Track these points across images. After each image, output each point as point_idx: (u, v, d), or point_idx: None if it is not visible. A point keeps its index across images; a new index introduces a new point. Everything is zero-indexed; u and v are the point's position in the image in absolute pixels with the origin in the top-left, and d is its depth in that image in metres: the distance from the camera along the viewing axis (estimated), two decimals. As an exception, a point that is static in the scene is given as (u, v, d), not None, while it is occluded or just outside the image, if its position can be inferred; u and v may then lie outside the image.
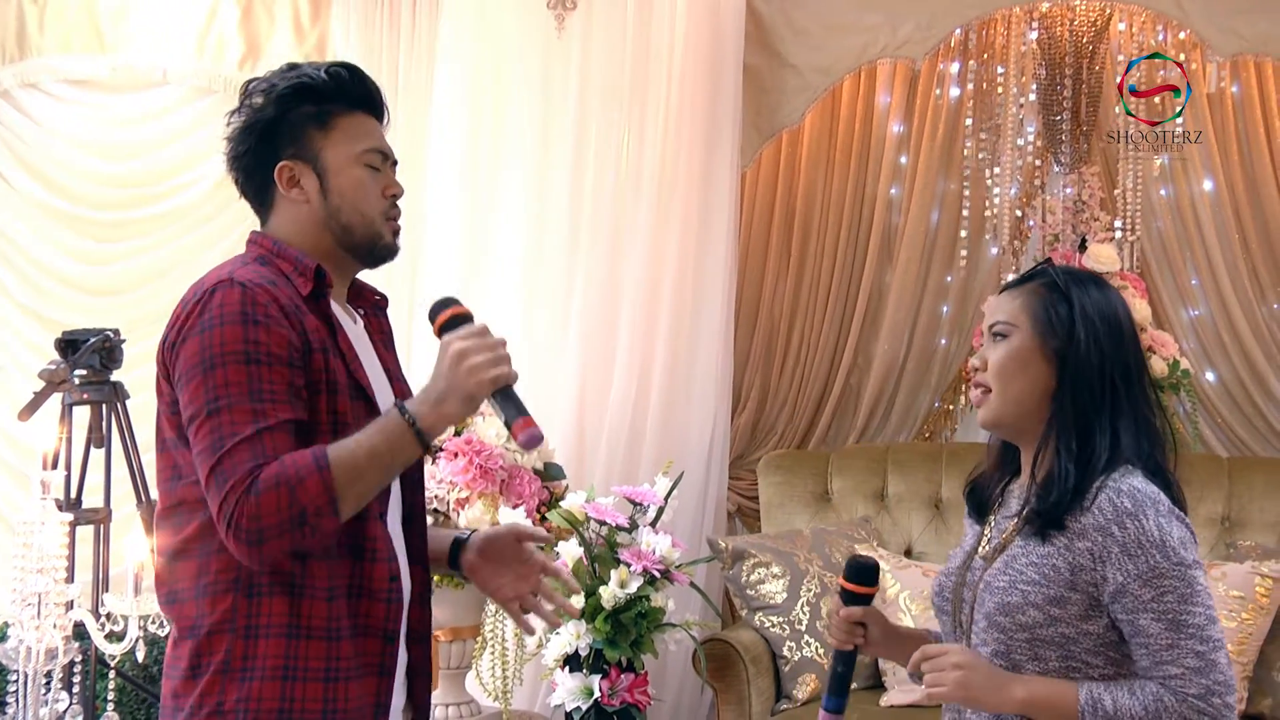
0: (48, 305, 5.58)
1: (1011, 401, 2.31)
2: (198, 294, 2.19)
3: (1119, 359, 2.28)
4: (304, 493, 2.07)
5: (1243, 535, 4.73)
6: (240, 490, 2.06)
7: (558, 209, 5.01)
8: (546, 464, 4.24)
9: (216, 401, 2.11)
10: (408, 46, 5.48)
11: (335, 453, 2.11)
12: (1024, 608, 2.22)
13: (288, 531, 2.07)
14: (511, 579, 2.52)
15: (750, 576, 4.52)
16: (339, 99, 2.34)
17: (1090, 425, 2.25)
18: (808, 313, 5.44)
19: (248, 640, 2.16)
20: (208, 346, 2.13)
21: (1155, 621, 2.14)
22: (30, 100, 5.67)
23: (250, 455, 2.08)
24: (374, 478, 2.15)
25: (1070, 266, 2.42)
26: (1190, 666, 2.13)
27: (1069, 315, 2.29)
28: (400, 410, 2.16)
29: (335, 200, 2.32)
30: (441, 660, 4.16)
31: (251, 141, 2.34)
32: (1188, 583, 2.14)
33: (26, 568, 3.70)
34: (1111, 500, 2.18)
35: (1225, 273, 5.23)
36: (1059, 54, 5.07)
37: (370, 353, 2.40)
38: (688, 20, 5.06)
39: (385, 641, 2.24)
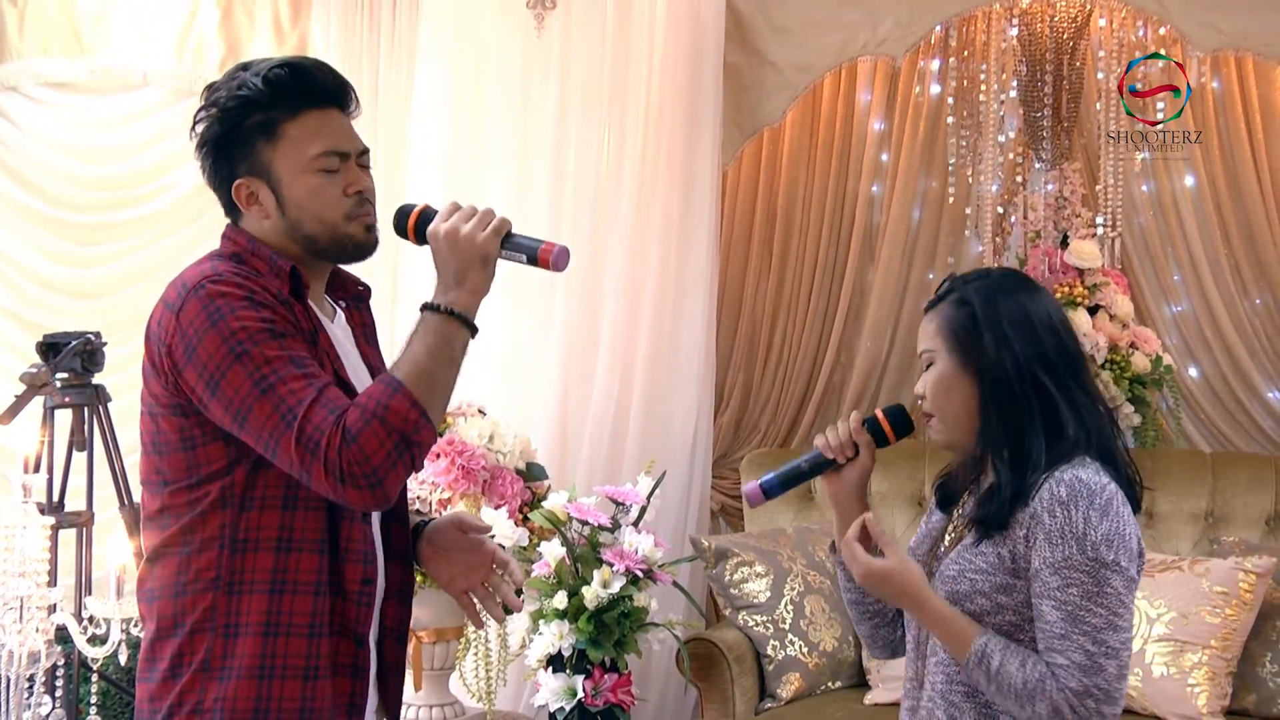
0: (29, 308, 5.56)
1: (951, 423, 2.35)
2: (184, 294, 2.15)
3: (1038, 355, 2.29)
4: (394, 416, 2.06)
5: (1226, 531, 4.73)
6: (337, 443, 2.04)
7: (539, 208, 5.00)
8: (529, 464, 4.24)
9: (266, 379, 2.08)
10: (388, 47, 5.47)
11: (399, 370, 2.11)
12: (972, 595, 2.26)
13: (398, 459, 2.07)
14: (463, 569, 2.47)
15: (733, 576, 4.52)
16: (282, 104, 2.25)
17: (1020, 430, 2.28)
18: (790, 311, 5.44)
19: (227, 639, 2.15)
20: (231, 334, 2.10)
21: (1054, 609, 2.17)
22: (10, 103, 5.66)
23: (325, 411, 2.06)
24: (445, 374, 2.15)
25: (982, 272, 2.45)
26: (1075, 661, 2.14)
27: (975, 328, 2.31)
28: (431, 308, 2.16)
29: (294, 213, 2.26)
30: (425, 661, 4.15)
31: (209, 158, 2.29)
32: (1098, 581, 2.16)
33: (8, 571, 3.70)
34: (1051, 489, 2.21)
35: (1207, 268, 5.23)
36: (1040, 50, 5.07)
37: (352, 349, 2.39)
38: (667, 19, 5.06)
39: (356, 644, 2.23)
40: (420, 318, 2.17)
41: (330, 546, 2.20)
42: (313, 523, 2.18)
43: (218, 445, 2.16)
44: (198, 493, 2.17)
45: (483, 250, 2.17)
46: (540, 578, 4.00)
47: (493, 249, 2.19)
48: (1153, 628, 4.24)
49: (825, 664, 4.45)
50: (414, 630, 4.09)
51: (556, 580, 3.98)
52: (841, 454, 2.44)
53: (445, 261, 2.19)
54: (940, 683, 2.31)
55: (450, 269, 2.18)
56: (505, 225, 2.21)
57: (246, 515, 2.16)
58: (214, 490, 2.16)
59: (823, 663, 4.44)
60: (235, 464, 2.16)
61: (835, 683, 4.49)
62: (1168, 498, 4.82)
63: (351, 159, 2.30)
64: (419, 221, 2.26)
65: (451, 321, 2.15)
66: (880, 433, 2.44)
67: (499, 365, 4.96)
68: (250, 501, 2.16)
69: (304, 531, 2.18)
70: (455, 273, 2.18)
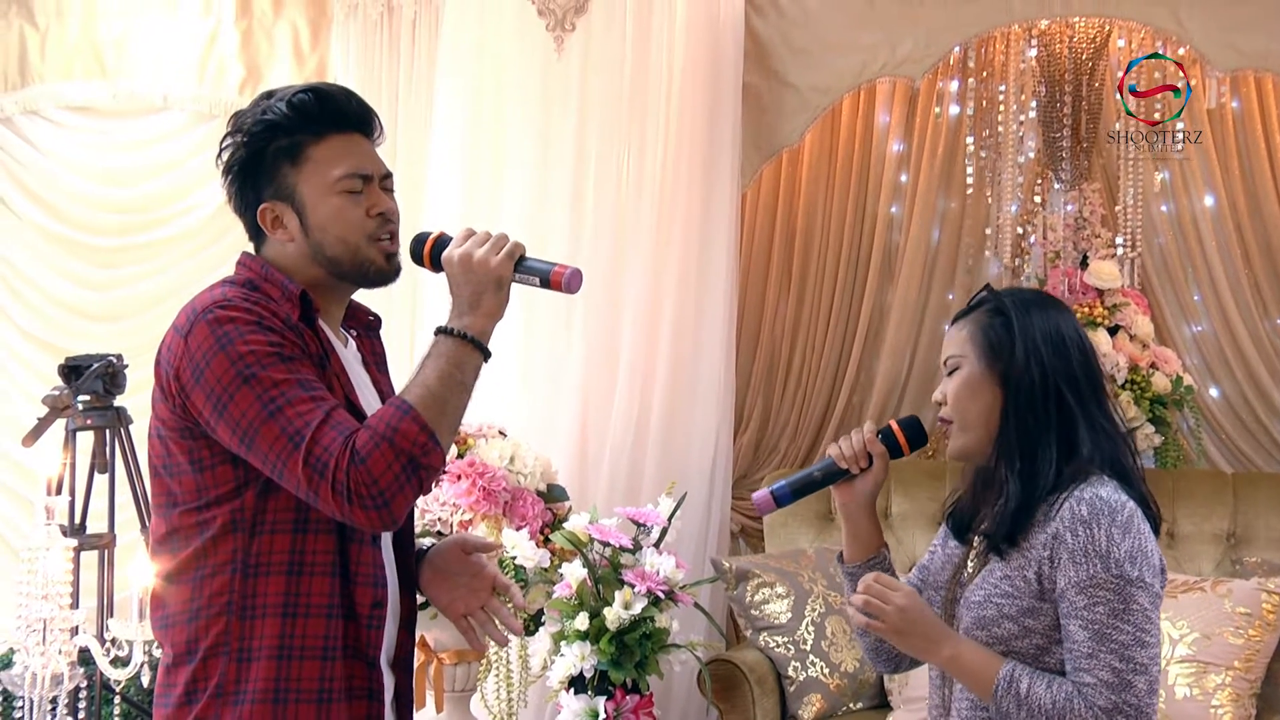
0: (50, 331, 5.59)
1: (970, 429, 2.35)
2: (193, 318, 2.16)
3: (1064, 372, 2.30)
4: (403, 439, 2.07)
5: (1248, 551, 4.72)
6: (345, 465, 2.04)
7: (558, 230, 5.00)
8: (550, 485, 4.24)
9: (274, 402, 2.08)
10: (407, 69, 5.49)
11: (409, 393, 2.12)
12: (999, 620, 2.26)
13: (406, 482, 2.07)
14: (463, 593, 2.46)
15: (754, 597, 4.51)
16: (307, 128, 2.27)
17: (1034, 442, 2.28)
18: (809, 332, 5.44)
19: (240, 663, 2.15)
20: (239, 358, 2.10)
21: (1082, 629, 2.17)
22: (32, 127, 5.70)
23: (334, 433, 2.07)
24: (456, 399, 2.15)
25: (1016, 289, 2.47)
26: (1103, 679, 2.14)
27: (1009, 336, 2.32)
28: (445, 331, 2.17)
29: (317, 235, 2.27)
30: (446, 683, 4.15)
31: (235, 183, 2.31)
32: (1123, 598, 2.16)
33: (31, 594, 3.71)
34: (1072, 509, 2.21)
35: (1227, 288, 5.23)
36: (1058, 71, 5.07)
37: (363, 376, 2.40)
38: (686, 40, 5.06)
39: (368, 667, 2.23)
40: (433, 341, 2.18)
41: (341, 570, 2.20)
42: (324, 546, 2.19)
43: (226, 468, 2.16)
44: (206, 515, 2.17)
45: (496, 274, 2.19)
46: (562, 599, 3.99)
47: (506, 273, 2.20)
48: (1175, 649, 4.22)
49: (847, 685, 4.44)
50: (435, 652, 4.10)
51: (578, 601, 3.97)
52: (855, 464, 2.43)
53: (459, 286, 2.20)
54: (965, 709, 2.31)
55: (464, 294, 2.19)
56: (519, 249, 2.23)
57: (258, 540, 2.16)
58: (223, 514, 2.16)
59: (844, 684, 4.43)
60: (244, 487, 2.16)
61: (857, 704, 4.48)
62: (1189, 518, 4.81)
63: (375, 181, 2.31)
64: (434, 248, 2.28)
65: (464, 345, 2.17)
66: (894, 443, 2.44)
67: (519, 387, 4.96)
68: (261, 526, 2.16)
69: (315, 555, 2.18)
70: (469, 297, 2.19)
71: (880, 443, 2.43)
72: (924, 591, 2.47)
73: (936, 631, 2.27)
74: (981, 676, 2.22)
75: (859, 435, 2.44)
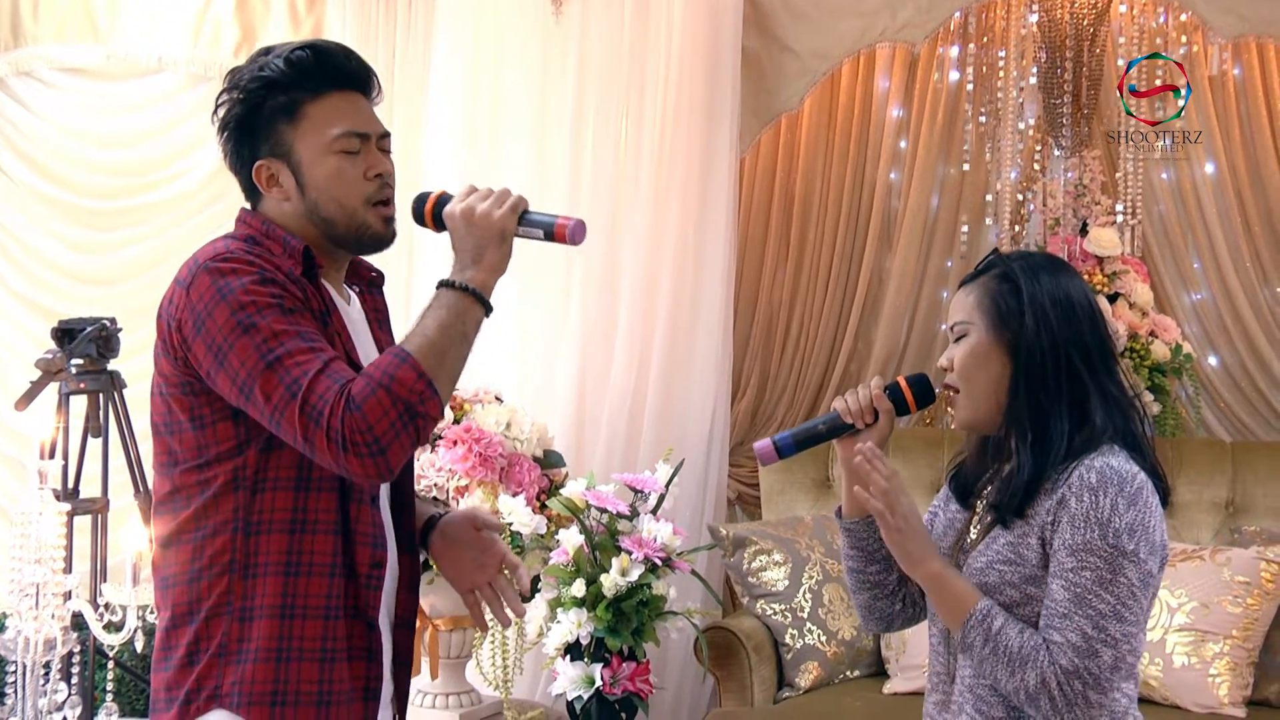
0: (44, 294, 5.56)
1: (979, 399, 2.32)
2: (195, 270, 2.15)
3: (1075, 340, 2.27)
4: (400, 386, 2.05)
5: (1247, 520, 4.70)
6: (340, 412, 2.02)
7: (556, 194, 4.97)
8: (546, 451, 4.22)
9: (272, 351, 2.06)
10: (404, 31, 5.44)
11: (409, 342, 2.11)
12: (1001, 587, 2.24)
13: (402, 430, 2.05)
14: (470, 567, 2.46)
15: (751, 564, 4.50)
16: (305, 85, 2.25)
17: (1046, 413, 2.26)
18: (807, 298, 5.41)
19: (243, 622, 2.14)
20: (239, 308, 2.09)
21: (1064, 589, 2.16)
22: (25, 89, 5.65)
23: (330, 381, 2.05)
24: (455, 350, 2.14)
25: (1025, 252, 2.42)
26: (1071, 640, 2.13)
27: (1018, 304, 2.29)
28: (447, 284, 2.16)
29: (313, 194, 2.25)
30: (441, 649, 4.13)
31: (231, 140, 2.29)
32: (1113, 569, 2.14)
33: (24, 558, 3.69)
34: (1081, 475, 2.19)
35: (1227, 256, 5.21)
36: (1059, 37, 5.03)
37: (365, 333, 2.38)
38: (685, 4, 5.02)
39: (367, 627, 2.22)
40: (435, 294, 2.17)
41: (342, 529, 2.19)
42: (325, 504, 2.18)
43: (227, 425, 2.15)
44: (208, 473, 2.16)
45: (499, 227, 2.17)
46: (558, 565, 3.98)
47: (509, 225, 2.19)
48: (1173, 617, 4.22)
49: (844, 653, 4.43)
50: (431, 618, 4.08)
51: (574, 568, 3.96)
52: (861, 419, 2.39)
53: (462, 240, 2.19)
54: (969, 676, 2.29)
55: (467, 247, 2.18)
56: (521, 203, 2.21)
57: (259, 497, 2.15)
58: (224, 472, 2.15)
59: (841, 651, 4.42)
60: (245, 445, 2.15)
61: (854, 672, 4.47)
62: (1188, 487, 4.79)
63: (372, 141, 2.29)
64: (436, 206, 2.26)
65: (466, 297, 2.15)
66: (901, 400, 2.40)
67: (516, 352, 4.95)
68: (262, 484, 2.15)
69: (317, 513, 2.17)
70: (472, 250, 2.18)
71: (887, 399, 2.39)
72: None
73: (928, 543, 2.27)
74: (959, 604, 2.22)
75: (865, 390, 2.40)
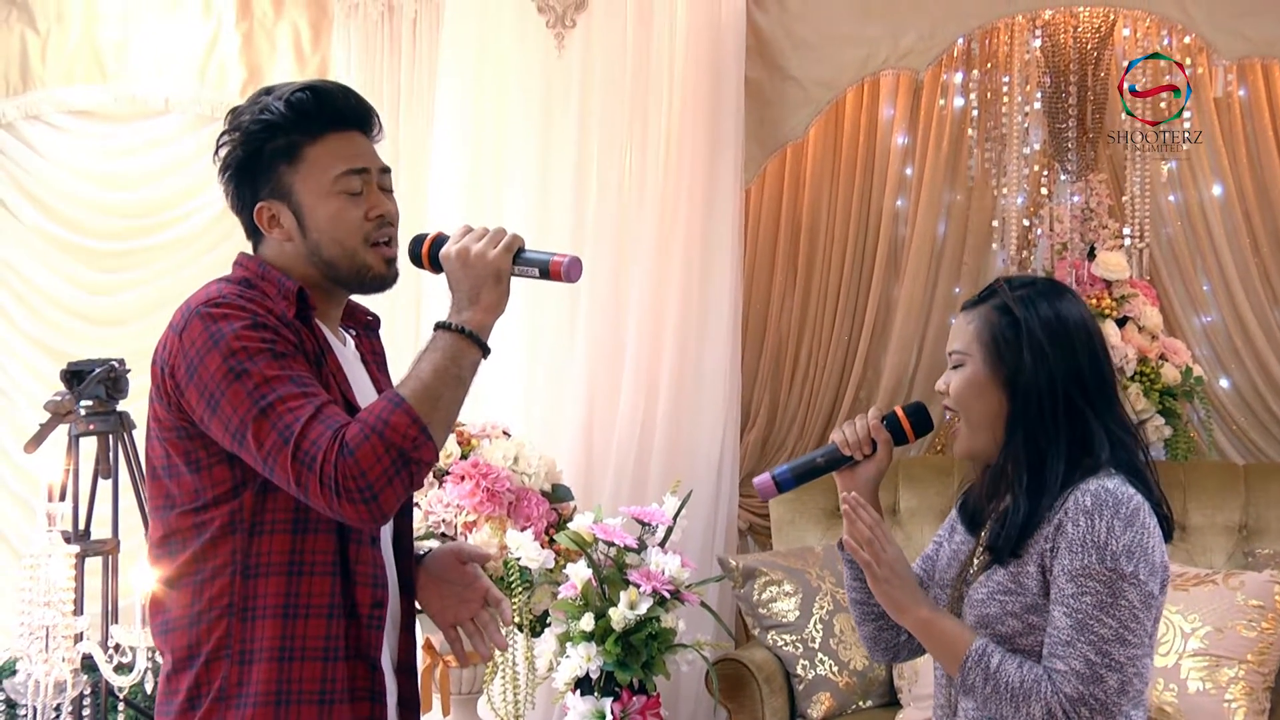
0: (53, 336, 5.59)
1: (975, 429, 2.31)
2: (188, 315, 2.16)
3: (1073, 374, 2.25)
4: (394, 432, 2.04)
5: (1261, 543, 4.67)
6: (334, 457, 2.02)
7: (561, 227, 4.98)
8: (554, 485, 4.22)
9: (265, 397, 2.06)
10: (409, 68, 5.48)
11: (404, 387, 2.10)
12: (1002, 618, 2.23)
13: (395, 476, 2.05)
14: (453, 602, 2.44)
15: (762, 595, 4.48)
16: (305, 127, 2.25)
17: (1043, 453, 2.24)
18: (816, 327, 5.40)
19: (242, 666, 2.13)
20: (231, 354, 2.09)
21: (1065, 616, 2.14)
22: (34, 132, 5.70)
23: (323, 427, 2.05)
24: (450, 393, 2.13)
25: (1026, 279, 2.39)
26: (1075, 669, 2.11)
27: (1015, 339, 2.27)
28: (444, 326, 2.15)
29: (315, 236, 2.25)
30: (453, 685, 4.13)
31: (232, 182, 2.29)
32: (1113, 592, 2.12)
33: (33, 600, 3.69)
34: (1076, 499, 2.18)
35: (1237, 277, 5.18)
36: (1063, 61, 5.03)
37: (363, 375, 2.38)
38: (688, 35, 5.04)
39: (369, 668, 2.21)
40: (431, 336, 2.16)
41: (342, 569, 2.18)
42: (323, 545, 2.17)
43: (223, 468, 2.14)
44: (204, 516, 2.15)
45: (495, 267, 2.16)
46: (567, 600, 3.97)
47: (505, 265, 2.18)
48: (1187, 642, 4.19)
49: (856, 683, 4.41)
50: (441, 655, 4.07)
51: (583, 602, 3.95)
52: (859, 450, 2.39)
53: (458, 281, 2.18)
54: (972, 709, 2.28)
55: (464, 288, 2.17)
56: (517, 242, 2.20)
57: (257, 540, 2.14)
58: (221, 515, 2.14)
59: (854, 681, 4.40)
60: (242, 488, 2.14)
61: (866, 702, 4.45)
62: (1201, 510, 4.77)
63: (374, 178, 2.29)
64: (433, 247, 2.26)
65: (462, 339, 2.14)
66: (899, 430, 2.40)
67: (523, 386, 4.95)
68: (260, 526, 2.14)
69: (315, 555, 2.16)
70: (469, 291, 2.17)
71: (885, 429, 2.39)
72: (929, 587, 2.44)
73: (916, 592, 2.26)
74: (953, 646, 2.21)
75: (863, 421, 2.39)
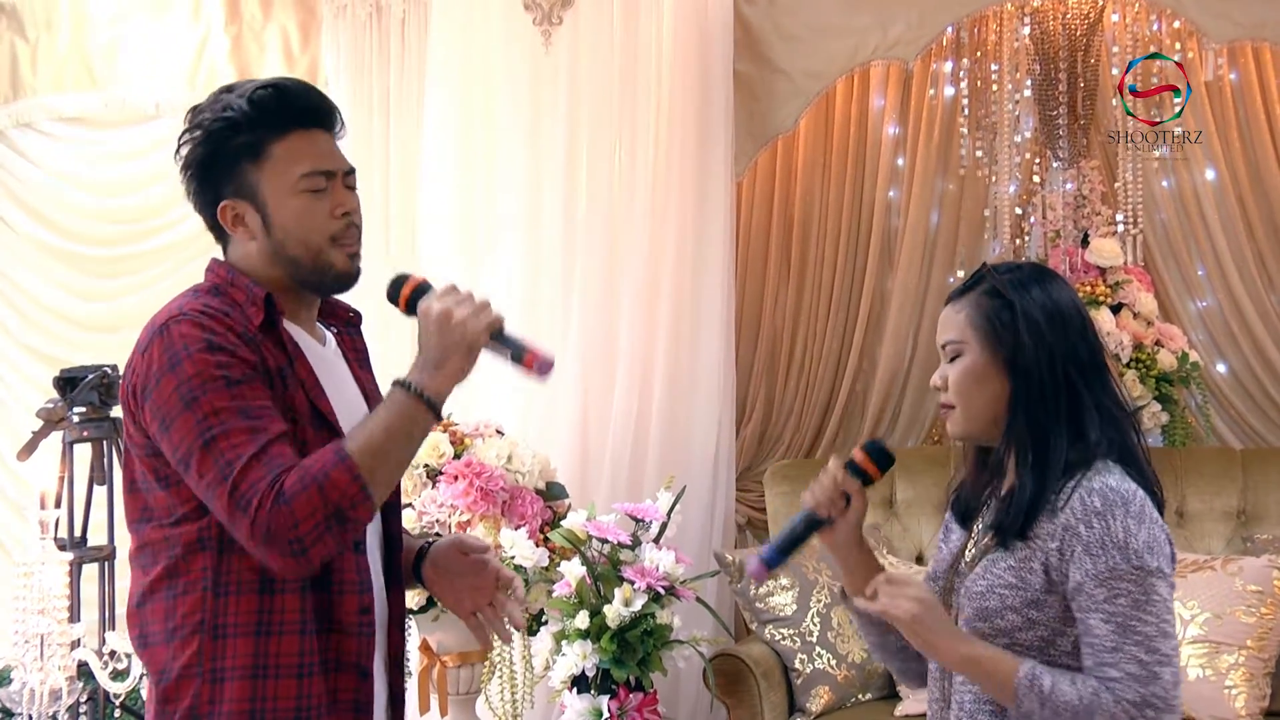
0: (47, 342, 5.60)
1: (977, 417, 2.28)
2: (151, 334, 2.14)
3: (1070, 353, 2.23)
4: (333, 488, 2.03)
5: (1259, 528, 4.65)
6: (269, 504, 2.01)
7: (552, 224, 4.98)
8: (549, 483, 4.22)
9: (210, 430, 2.05)
10: (398, 68, 5.45)
11: (353, 441, 2.08)
12: (1002, 612, 2.20)
13: (327, 532, 2.04)
14: (468, 591, 2.44)
15: (758, 589, 4.47)
16: (269, 124, 2.22)
17: (1046, 432, 2.21)
18: (810, 320, 5.38)
19: (214, 684, 2.11)
20: (184, 381, 2.08)
21: (1104, 622, 2.11)
22: (25, 140, 5.71)
23: (265, 469, 2.03)
24: (399, 454, 2.12)
25: (1011, 264, 2.36)
26: (1130, 672, 2.08)
27: (1012, 322, 2.24)
28: (404, 386, 2.12)
29: (279, 234, 2.23)
30: (450, 685, 4.12)
31: (194, 181, 2.27)
32: (1144, 589, 2.10)
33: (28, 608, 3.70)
34: (1083, 500, 2.15)
35: (1232, 262, 5.15)
36: (1053, 48, 5.00)
37: (343, 373, 2.36)
38: (675, 30, 5.02)
39: (359, 677, 2.20)
40: (390, 392, 2.15)
41: (320, 583, 2.16)
42: None
43: (189, 486, 2.13)
44: (175, 531, 2.14)
45: (471, 339, 2.12)
46: (562, 598, 3.96)
47: (481, 340, 2.14)
48: (1186, 629, 4.17)
49: (855, 676, 4.40)
50: (438, 654, 4.07)
51: (578, 600, 3.94)
52: (833, 508, 2.34)
53: (430, 341, 2.14)
54: (969, 702, 2.25)
55: (433, 349, 2.13)
56: (498, 322, 2.16)
57: (227, 558, 2.13)
58: (191, 531, 2.13)
59: (852, 675, 4.39)
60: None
61: (865, 695, 4.44)
62: (1199, 496, 4.75)
63: (338, 178, 2.27)
64: (413, 293, 2.21)
65: (419, 404, 2.12)
66: (864, 473, 2.34)
67: (516, 384, 4.92)
68: (230, 544, 2.12)
69: None
70: (437, 355, 2.13)
71: (852, 478, 2.34)
72: None
73: (951, 629, 2.20)
74: (999, 677, 2.15)
75: (827, 475, 2.34)
